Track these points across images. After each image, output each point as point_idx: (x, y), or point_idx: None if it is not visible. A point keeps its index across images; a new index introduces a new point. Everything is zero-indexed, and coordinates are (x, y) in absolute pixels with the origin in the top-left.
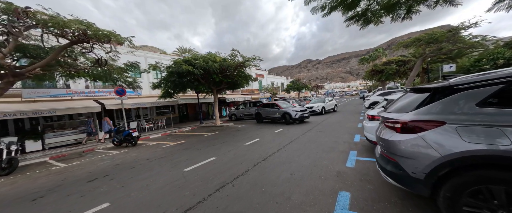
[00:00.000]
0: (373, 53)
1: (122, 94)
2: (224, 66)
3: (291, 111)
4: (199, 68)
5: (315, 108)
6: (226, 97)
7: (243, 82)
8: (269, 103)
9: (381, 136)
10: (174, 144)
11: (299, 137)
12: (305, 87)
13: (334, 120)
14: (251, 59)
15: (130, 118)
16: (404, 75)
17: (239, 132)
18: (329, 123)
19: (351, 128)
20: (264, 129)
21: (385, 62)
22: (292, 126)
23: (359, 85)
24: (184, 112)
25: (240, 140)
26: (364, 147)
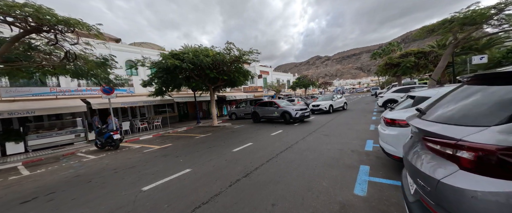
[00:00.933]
0: (386, 47)
1: (109, 92)
2: (218, 61)
3: (291, 110)
4: (188, 63)
5: (322, 106)
6: (226, 95)
7: (240, 79)
8: (266, 101)
9: (419, 167)
10: (157, 148)
11: (297, 143)
12: (312, 84)
13: (343, 120)
14: (248, 52)
15: (126, 118)
16: (424, 69)
17: (233, 134)
18: (336, 124)
19: (362, 131)
20: (260, 131)
21: (402, 55)
22: (292, 127)
23: (371, 82)
24: (184, 111)
25: (230, 145)
26: (379, 160)
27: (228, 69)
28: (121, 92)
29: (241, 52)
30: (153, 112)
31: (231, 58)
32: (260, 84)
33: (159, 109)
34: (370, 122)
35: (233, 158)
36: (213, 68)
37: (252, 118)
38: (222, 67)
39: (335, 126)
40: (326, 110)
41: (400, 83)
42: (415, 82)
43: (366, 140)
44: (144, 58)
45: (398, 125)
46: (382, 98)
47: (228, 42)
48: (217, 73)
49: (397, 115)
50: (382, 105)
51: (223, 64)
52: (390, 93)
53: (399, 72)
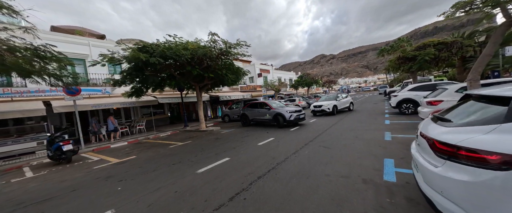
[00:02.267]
0: (394, 43)
1: (74, 93)
2: (200, 55)
3: (284, 112)
4: (158, 57)
5: (325, 107)
6: (219, 95)
7: (229, 77)
8: (257, 102)
9: None
10: (112, 163)
11: (286, 160)
12: (315, 82)
13: (348, 124)
14: (235, 45)
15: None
16: (445, 63)
17: (215, 142)
18: (340, 130)
19: (374, 143)
20: (248, 139)
21: (419, 47)
22: (286, 133)
23: (378, 80)
24: (177, 112)
25: (199, 161)
26: (413, 205)
27: (214, 65)
28: (94, 92)
29: (227, 45)
30: (140, 114)
31: (216, 52)
32: (261, 83)
33: (147, 111)
34: (383, 127)
35: (189, 187)
36: (196, 64)
37: (241, 121)
38: (207, 63)
39: (339, 133)
40: (330, 111)
41: (416, 80)
42: (431, 79)
43: (383, 159)
44: (112, 53)
45: (478, 162)
46: (396, 98)
47: (211, 33)
48: (202, 70)
49: (472, 139)
50: (396, 106)
51: (208, 59)
52: (406, 91)
53: (415, 67)
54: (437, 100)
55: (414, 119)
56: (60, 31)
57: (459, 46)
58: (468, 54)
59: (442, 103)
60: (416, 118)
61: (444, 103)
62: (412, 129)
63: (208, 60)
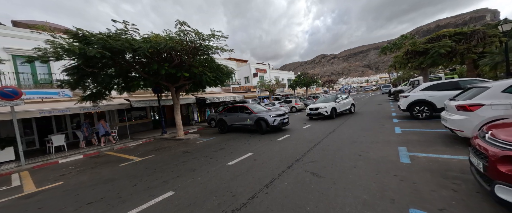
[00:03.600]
0: (397, 40)
1: (12, 97)
2: (165, 49)
3: (267, 116)
4: (100, 48)
5: (322, 110)
6: (205, 97)
7: (208, 76)
8: (236, 106)
9: None
10: (17, 197)
11: (250, 202)
12: (313, 82)
13: (349, 133)
14: (210, 36)
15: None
16: (463, 57)
17: (179, 159)
18: (338, 143)
19: (388, 166)
20: (219, 154)
21: (431, 38)
22: (268, 146)
23: (379, 79)
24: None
25: (134, 195)
26: None
27: (188, 62)
28: (48, 95)
29: (200, 36)
30: (117, 119)
31: (187, 46)
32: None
33: (127, 115)
34: (394, 139)
35: None
36: (162, 61)
37: (218, 127)
38: (179, 59)
39: (336, 147)
40: (328, 114)
41: (427, 78)
42: (440, 77)
43: (407, 209)
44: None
45: None
46: (406, 99)
47: (179, 22)
48: (174, 68)
49: None
50: (406, 109)
51: (178, 54)
52: (419, 91)
53: (427, 62)
54: (475, 104)
55: (432, 126)
56: (22, 26)
57: (481, 36)
58: (493, 46)
59: (482, 108)
60: (435, 125)
61: (486, 109)
62: (434, 142)
63: (178, 56)
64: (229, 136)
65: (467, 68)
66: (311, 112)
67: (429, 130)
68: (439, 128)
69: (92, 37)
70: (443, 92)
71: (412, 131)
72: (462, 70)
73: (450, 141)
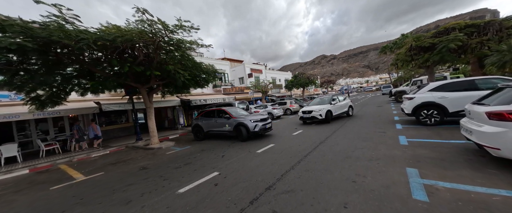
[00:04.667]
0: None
1: None
2: (119, 43)
3: (247, 121)
4: (18, 37)
5: (315, 113)
6: (190, 99)
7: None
8: (214, 110)
9: None
10: None
11: None
12: (311, 82)
13: (344, 143)
14: (177, 27)
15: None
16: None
17: (127, 180)
18: (328, 159)
19: (396, 205)
20: (182, 170)
21: (438, 32)
22: (243, 161)
23: (379, 80)
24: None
25: None
26: None
27: (157, 58)
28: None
29: (165, 27)
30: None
31: (149, 38)
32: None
33: (105, 119)
34: (400, 154)
35: None
36: (118, 56)
37: (194, 133)
38: (142, 55)
39: (324, 166)
40: (322, 118)
41: (433, 77)
42: (446, 77)
43: None
44: None
45: None
46: (411, 102)
47: (140, 10)
48: (141, 66)
49: None
50: (412, 113)
51: (143, 48)
52: (426, 92)
53: (434, 59)
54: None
55: (445, 136)
56: None
57: (496, 29)
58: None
59: None
60: (449, 134)
61: None
62: (455, 161)
63: (141, 50)
64: (206, 144)
65: (471, 68)
66: (304, 115)
67: (443, 141)
68: (455, 138)
69: (9, 24)
70: (456, 93)
71: (421, 142)
72: (465, 70)
73: (477, 160)
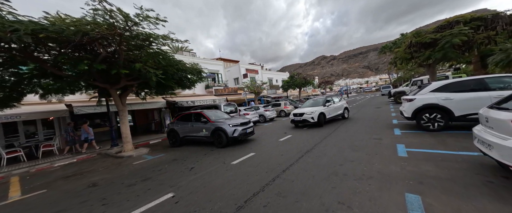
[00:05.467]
0: (397, 40)
1: None
2: (75, 35)
3: (226, 126)
4: None
5: (307, 115)
6: (176, 100)
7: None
8: (191, 113)
9: None
10: None
11: None
12: (307, 83)
13: (333, 153)
14: (139, 17)
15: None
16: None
17: (67, 200)
18: (311, 175)
19: None
20: (135, 188)
21: (441, 26)
22: (210, 176)
23: (379, 80)
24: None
25: None
26: None
27: (122, 55)
28: None
29: (126, 17)
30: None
31: (106, 31)
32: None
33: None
34: (397, 170)
35: None
36: (75, 51)
37: (169, 139)
38: (104, 50)
39: (302, 188)
40: (314, 122)
41: (434, 76)
42: (447, 76)
43: None
44: None
45: None
46: (411, 104)
47: None
48: (104, 63)
49: None
50: (412, 116)
51: (103, 42)
52: (428, 93)
53: (436, 56)
54: None
55: (452, 145)
56: None
57: (506, 22)
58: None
59: None
60: (455, 142)
61: None
62: (470, 184)
63: (100, 45)
64: (181, 152)
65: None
66: (295, 118)
67: (450, 153)
68: (465, 149)
69: None
70: (463, 94)
71: (423, 153)
72: (466, 69)
73: (500, 184)
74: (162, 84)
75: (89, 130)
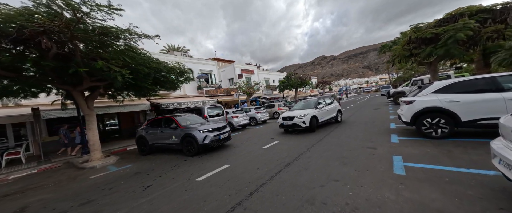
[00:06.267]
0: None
1: None
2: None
3: (196, 132)
4: None
5: (298, 119)
6: (160, 102)
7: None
8: (161, 118)
9: None
10: None
11: None
12: (303, 83)
13: (316, 168)
14: (90, 4)
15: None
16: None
17: None
18: (285, 198)
19: None
20: (86, 209)
21: (443, 20)
22: (165, 198)
23: (380, 80)
24: (117, 125)
25: None
26: None
27: (76, 50)
28: None
29: (67, 4)
30: (45, 132)
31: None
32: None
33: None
34: (392, 200)
35: None
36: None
37: (138, 146)
38: (53, 46)
39: None
40: (305, 126)
41: (436, 76)
42: (450, 76)
43: None
44: None
45: None
46: (410, 106)
47: None
48: (58, 61)
49: None
50: (411, 121)
51: (52, 35)
52: (429, 94)
53: (438, 53)
54: None
55: (460, 159)
56: None
57: None
58: None
59: None
60: (464, 154)
61: None
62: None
63: (53, 40)
64: (148, 162)
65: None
66: (284, 122)
67: (460, 171)
68: (478, 165)
69: None
70: (471, 95)
71: (425, 170)
72: (469, 69)
73: None
74: (135, 85)
75: (82, 133)
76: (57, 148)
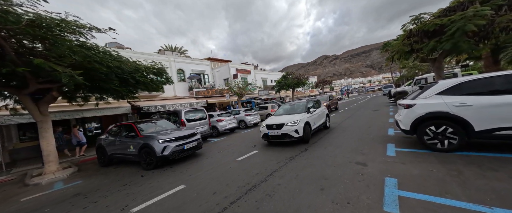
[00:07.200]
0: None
1: None
2: None
3: (154, 142)
4: None
5: (289, 128)
6: (141, 105)
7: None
8: (121, 124)
9: None
10: None
11: None
12: (300, 83)
13: (285, 196)
14: None
15: None
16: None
17: None
18: None
19: None
20: None
21: (449, 8)
22: None
23: (383, 79)
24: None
25: None
26: None
27: (3, 46)
28: None
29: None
30: (16, 138)
31: None
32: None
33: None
34: None
35: None
36: None
37: (98, 157)
38: None
39: None
40: (299, 136)
41: (441, 73)
42: (456, 74)
43: None
44: None
45: None
46: (409, 111)
47: None
48: None
49: None
50: (411, 129)
51: None
52: (433, 96)
53: (444, 47)
54: None
55: (476, 189)
56: None
57: None
58: None
59: None
60: (479, 179)
61: None
62: None
63: None
64: (103, 177)
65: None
66: (269, 132)
67: (479, 211)
68: (503, 201)
69: None
70: (487, 98)
71: (428, 205)
72: (476, 66)
73: None
74: (98, 87)
75: (79, 134)
76: (30, 155)
